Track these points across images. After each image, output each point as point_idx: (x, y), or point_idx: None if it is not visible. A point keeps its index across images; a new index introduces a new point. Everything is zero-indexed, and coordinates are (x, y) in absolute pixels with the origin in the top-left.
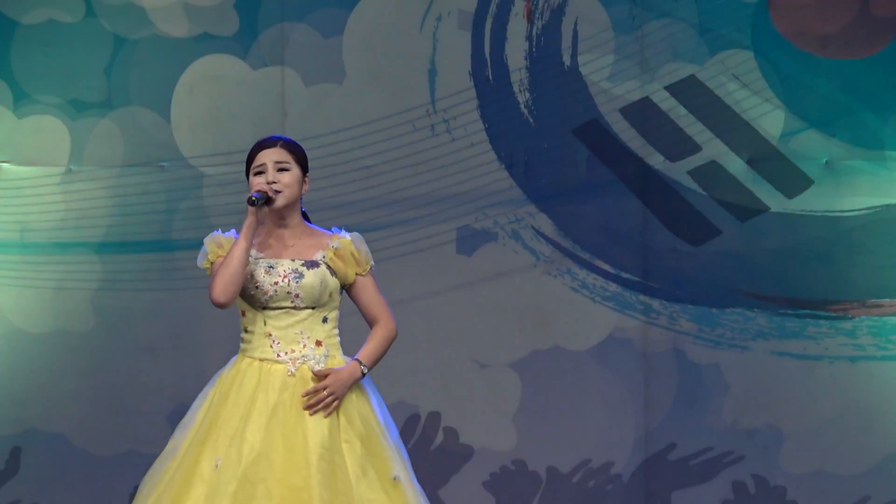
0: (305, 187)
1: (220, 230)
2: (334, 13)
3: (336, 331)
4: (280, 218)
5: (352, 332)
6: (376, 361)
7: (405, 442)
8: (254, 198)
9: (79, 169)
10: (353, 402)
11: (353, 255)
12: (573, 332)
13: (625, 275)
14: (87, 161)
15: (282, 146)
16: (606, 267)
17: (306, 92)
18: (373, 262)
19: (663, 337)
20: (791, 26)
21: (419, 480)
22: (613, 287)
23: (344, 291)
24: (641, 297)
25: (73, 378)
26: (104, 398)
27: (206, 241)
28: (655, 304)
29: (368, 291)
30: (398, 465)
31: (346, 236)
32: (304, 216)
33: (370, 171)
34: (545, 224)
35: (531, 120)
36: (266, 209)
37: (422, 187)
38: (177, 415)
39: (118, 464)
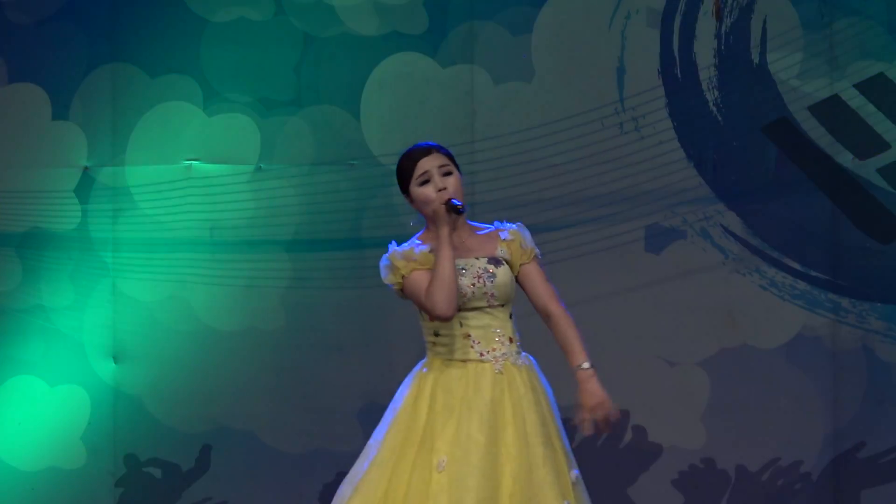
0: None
1: (395, 242)
2: (523, 11)
3: (516, 325)
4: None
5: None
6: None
7: (594, 440)
8: (459, 207)
9: (268, 167)
10: (544, 401)
11: (520, 245)
12: (762, 331)
13: (813, 273)
14: (276, 159)
15: (437, 151)
16: (795, 265)
17: (495, 90)
18: (538, 250)
19: (852, 335)
20: None
21: (608, 478)
22: (802, 285)
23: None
24: (830, 296)
25: (263, 376)
26: (293, 396)
27: (389, 257)
28: (844, 302)
29: (536, 277)
30: (575, 466)
31: (513, 227)
32: None
33: (559, 168)
34: (734, 222)
35: (720, 118)
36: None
37: (610, 185)
38: (366, 413)
39: (307, 462)
